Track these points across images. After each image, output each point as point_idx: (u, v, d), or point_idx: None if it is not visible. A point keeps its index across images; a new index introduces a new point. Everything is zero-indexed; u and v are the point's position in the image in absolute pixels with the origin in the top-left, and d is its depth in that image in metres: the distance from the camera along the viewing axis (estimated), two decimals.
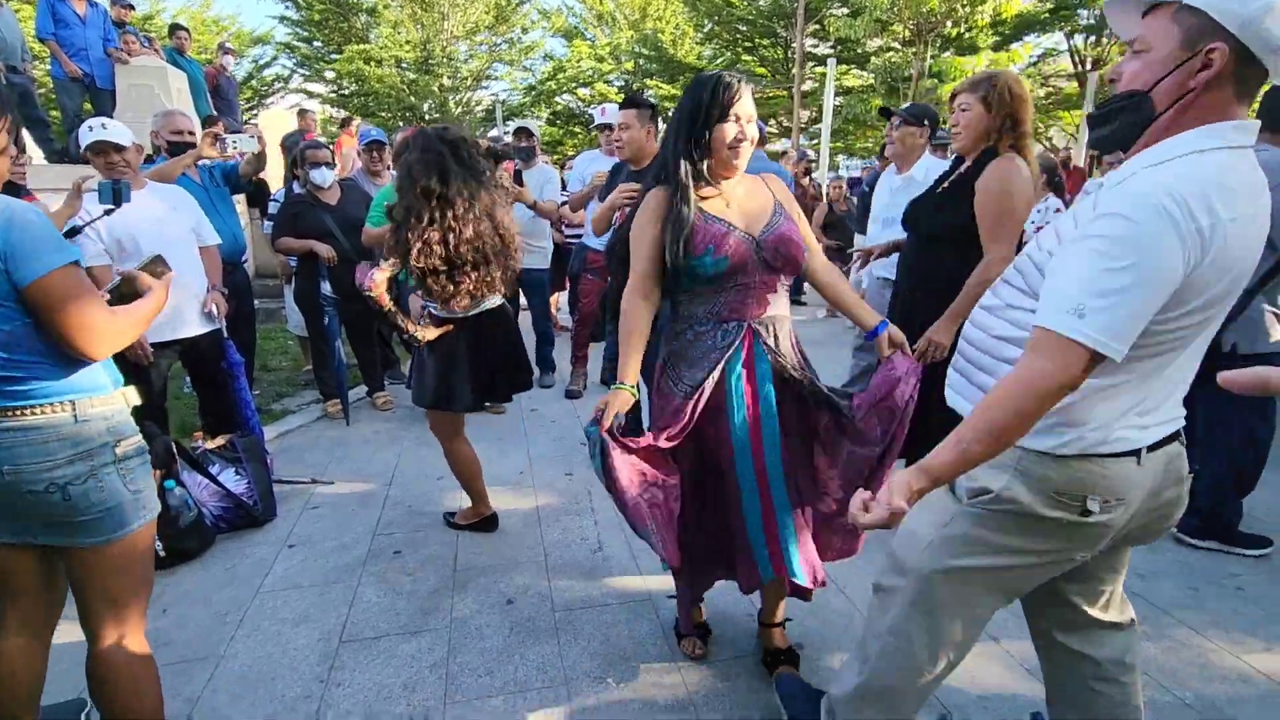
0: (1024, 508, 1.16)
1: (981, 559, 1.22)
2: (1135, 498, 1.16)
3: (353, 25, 17.63)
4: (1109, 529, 1.17)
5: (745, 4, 15.46)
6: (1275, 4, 0.94)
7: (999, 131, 2.18)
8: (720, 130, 1.58)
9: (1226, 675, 1.94)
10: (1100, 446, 1.12)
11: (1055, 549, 1.20)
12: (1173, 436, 1.20)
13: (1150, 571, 2.46)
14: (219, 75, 7.97)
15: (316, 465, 3.47)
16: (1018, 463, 1.16)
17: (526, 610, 2.28)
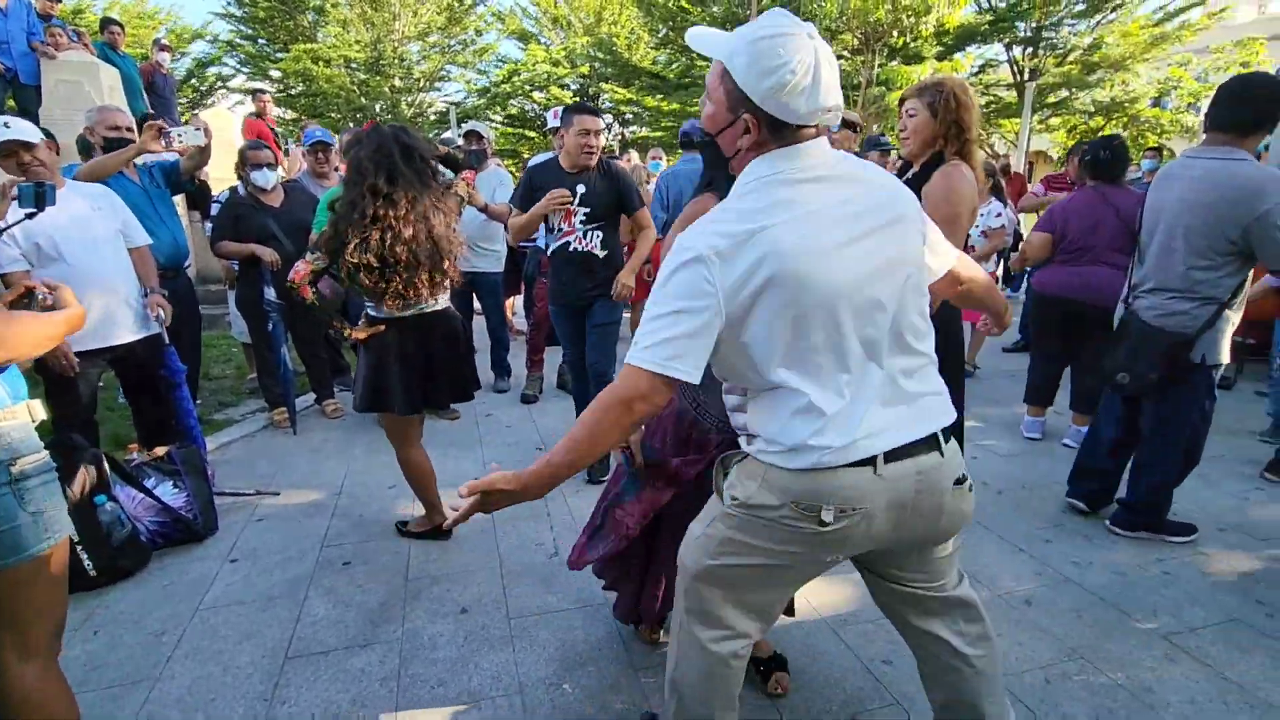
0: (769, 515, 1.19)
1: (737, 559, 1.26)
2: (876, 507, 1.17)
3: (299, 23, 17.15)
4: (853, 536, 1.19)
5: (699, 10, 15.61)
6: (787, 81, 1.07)
7: (945, 137, 2.20)
8: None
9: (1154, 656, 2.04)
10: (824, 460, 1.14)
11: (803, 553, 1.23)
12: (923, 446, 1.19)
13: (1082, 560, 2.57)
14: (155, 72, 7.66)
15: (262, 476, 3.36)
16: (764, 475, 1.20)
17: (481, 619, 2.24)
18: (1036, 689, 1.90)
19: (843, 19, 11.88)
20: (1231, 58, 13.80)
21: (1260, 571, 2.49)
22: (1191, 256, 2.38)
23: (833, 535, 1.18)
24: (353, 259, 2.25)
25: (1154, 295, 2.50)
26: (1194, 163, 2.42)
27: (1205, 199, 2.32)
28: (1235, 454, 3.57)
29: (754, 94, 1.11)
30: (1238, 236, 2.28)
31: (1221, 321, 2.40)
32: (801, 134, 1.14)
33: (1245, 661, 2.01)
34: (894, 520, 1.20)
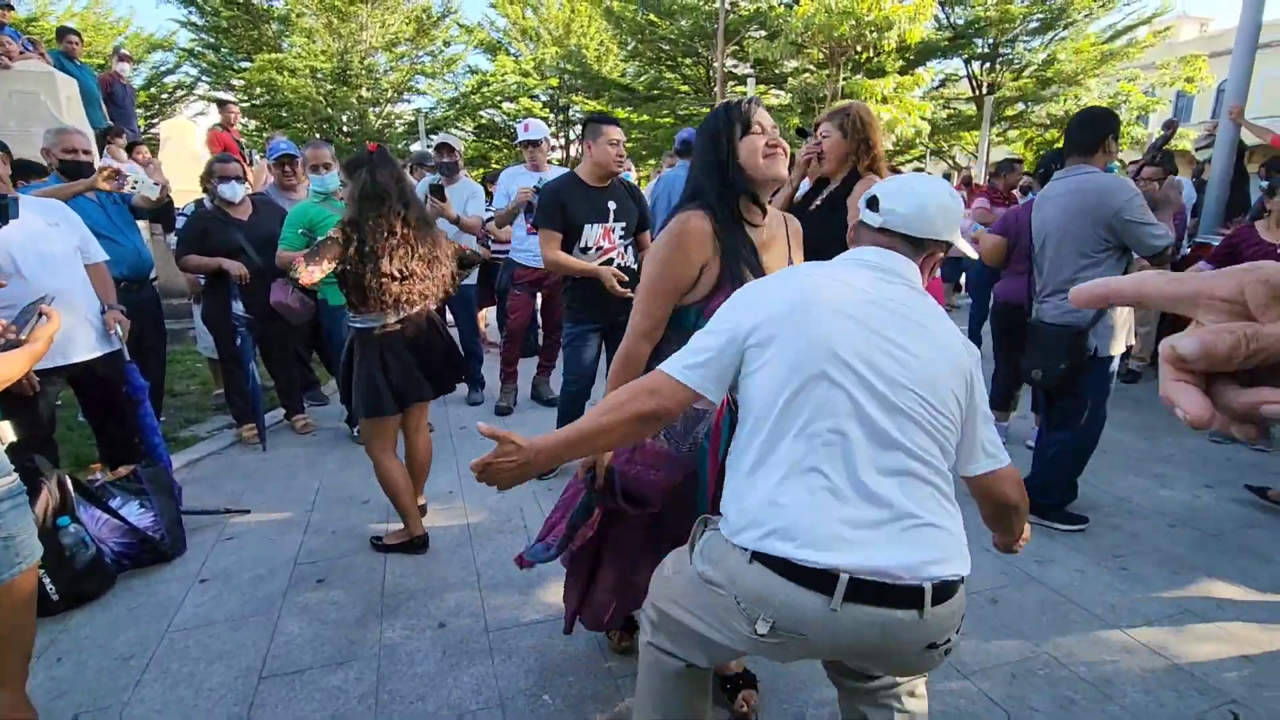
0: (718, 595, 1.16)
1: (685, 614, 1.26)
2: (821, 639, 1.06)
3: (263, 33, 16.88)
4: (786, 649, 1.12)
5: (667, 24, 15.80)
6: None
7: (856, 154, 2.47)
8: (749, 142, 1.51)
9: (1113, 648, 2.12)
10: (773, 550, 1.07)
11: (740, 644, 1.19)
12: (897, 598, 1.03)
13: (1045, 558, 2.66)
14: (114, 82, 7.49)
15: (231, 494, 3.30)
16: (720, 552, 1.18)
17: (459, 632, 2.24)
18: (1003, 685, 1.97)
19: (808, 33, 12.13)
20: (1176, 73, 14.42)
21: (1210, 564, 2.61)
22: (1076, 258, 2.73)
23: (764, 644, 1.13)
24: (385, 270, 2.45)
25: (1053, 298, 2.81)
26: (1060, 183, 2.80)
27: (1075, 207, 2.71)
28: (1188, 455, 3.73)
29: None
30: (1106, 233, 2.64)
31: (1108, 315, 2.71)
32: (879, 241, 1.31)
33: (1198, 651, 2.11)
34: (841, 652, 1.16)
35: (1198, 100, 20.65)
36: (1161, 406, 1.80)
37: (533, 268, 4.37)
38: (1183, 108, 21.81)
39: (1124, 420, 4.23)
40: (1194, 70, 14.16)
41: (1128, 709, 1.87)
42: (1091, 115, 2.79)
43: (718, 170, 1.54)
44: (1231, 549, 2.72)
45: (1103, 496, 3.19)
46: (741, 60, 16.30)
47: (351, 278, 2.48)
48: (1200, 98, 19.59)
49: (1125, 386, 5.00)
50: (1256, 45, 5.44)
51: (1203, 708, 1.88)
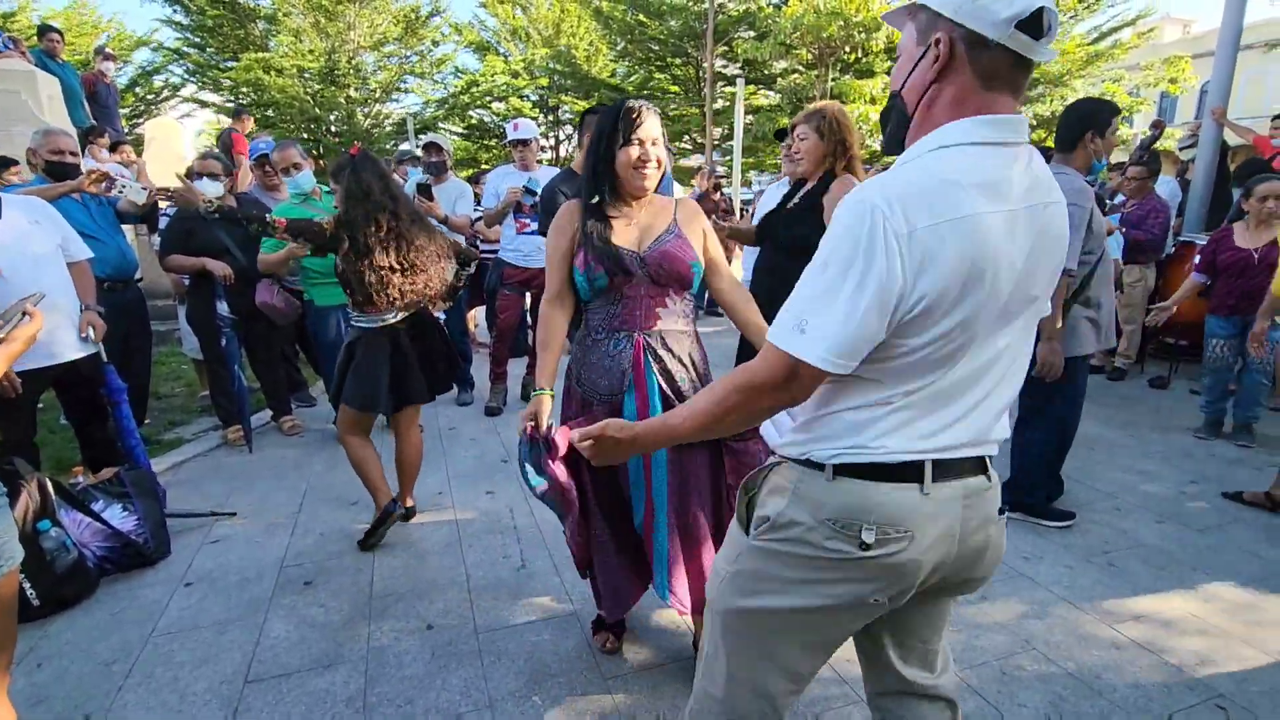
0: (801, 535, 1.04)
1: (769, 599, 1.09)
2: (924, 533, 1.01)
3: (250, 32, 16.74)
4: (899, 568, 1.02)
5: (656, 25, 15.79)
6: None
7: (833, 155, 2.50)
8: (624, 153, 1.69)
9: (1102, 644, 2.13)
10: (862, 455, 1.01)
11: (844, 589, 1.05)
12: (973, 468, 1.06)
13: (1033, 554, 2.67)
14: (97, 81, 7.40)
15: (216, 496, 3.26)
16: (795, 485, 1.06)
17: (448, 634, 2.22)
18: (993, 681, 1.97)
19: (797, 34, 12.16)
20: (1160, 74, 14.57)
21: (1197, 558, 2.63)
22: None
23: (875, 564, 1.01)
24: (382, 263, 2.51)
25: None
26: None
27: None
28: (1174, 451, 3.76)
29: (946, 4, 0.94)
30: None
31: (1072, 317, 2.72)
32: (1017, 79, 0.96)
33: (1185, 645, 2.12)
34: (942, 551, 1.04)
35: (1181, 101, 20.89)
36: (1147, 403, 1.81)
37: (522, 267, 4.35)
38: (1167, 108, 22.06)
39: (1110, 417, 4.27)
40: (1177, 71, 14.31)
41: (1116, 704, 1.88)
42: (1071, 110, 2.74)
43: (592, 168, 1.76)
44: (1217, 544, 2.74)
45: (1090, 493, 3.21)
46: (731, 60, 16.33)
47: (352, 276, 2.54)
48: (1184, 99, 19.82)
49: (1112, 384, 5.05)
50: (1238, 47, 5.52)
51: (1190, 702, 1.89)
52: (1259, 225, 3.75)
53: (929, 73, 0.98)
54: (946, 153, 0.95)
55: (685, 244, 1.78)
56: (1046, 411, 2.87)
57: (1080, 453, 3.07)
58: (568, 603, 2.37)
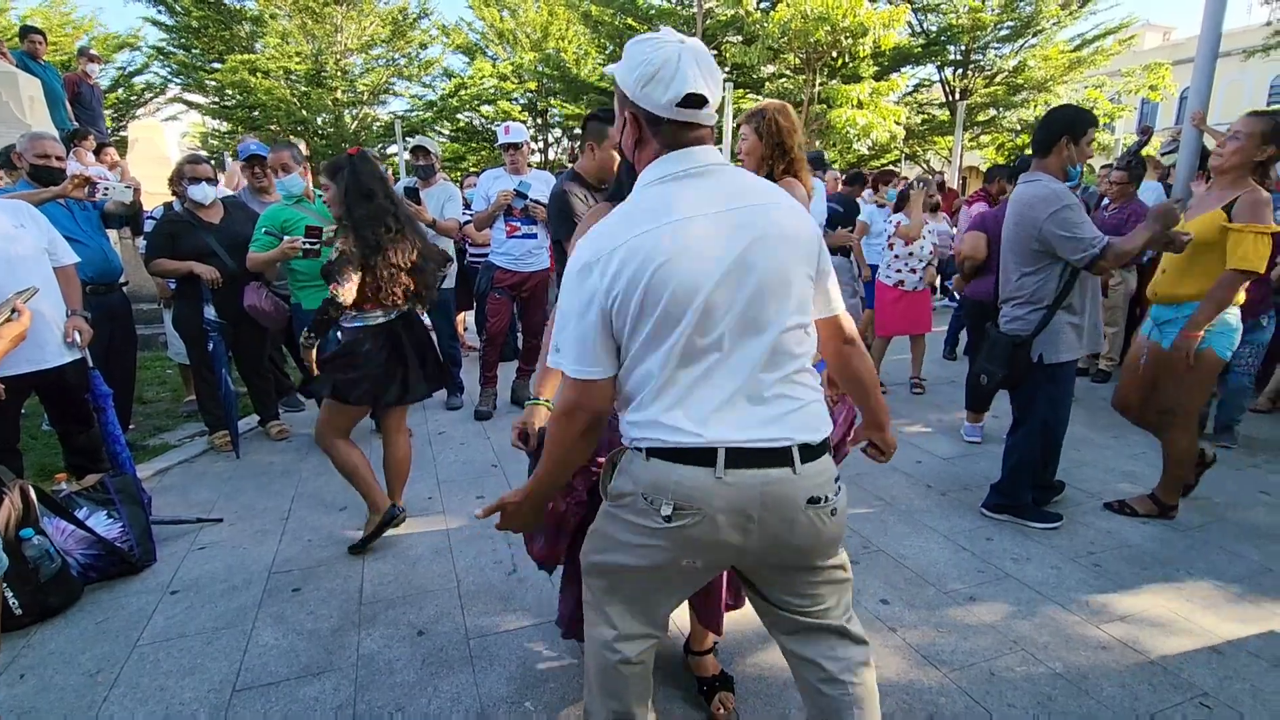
0: (626, 504, 1.25)
1: (611, 556, 1.31)
2: (716, 510, 1.16)
3: (235, 34, 16.61)
4: (701, 540, 1.19)
5: (645, 29, 15.86)
6: (650, 74, 1.16)
7: (772, 158, 2.35)
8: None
9: (1088, 644, 2.16)
10: (654, 441, 1.18)
11: (660, 554, 1.23)
12: (770, 458, 1.17)
13: (1021, 556, 2.70)
14: (80, 83, 7.31)
15: (203, 502, 3.23)
16: (628, 462, 1.26)
17: (439, 640, 2.21)
18: (982, 682, 1.99)
19: (785, 39, 12.24)
20: (1140, 81, 14.79)
21: (1179, 557, 2.67)
22: (1017, 267, 2.78)
23: (678, 534, 1.19)
24: (395, 261, 2.56)
25: (1006, 305, 2.87)
26: (1014, 190, 2.82)
27: (1014, 217, 2.74)
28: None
29: (628, 90, 1.20)
30: (1039, 243, 2.65)
31: (1055, 323, 2.72)
32: (687, 136, 1.21)
33: (1169, 645, 2.15)
34: (740, 529, 1.18)
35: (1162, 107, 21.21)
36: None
37: (512, 271, 4.34)
38: (1147, 114, 22.39)
39: (1094, 420, 4.32)
40: (1157, 78, 14.54)
41: (1103, 703, 1.90)
42: (1048, 116, 2.75)
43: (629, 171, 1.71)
44: (1199, 544, 2.78)
45: (1076, 494, 3.25)
46: (720, 64, 16.40)
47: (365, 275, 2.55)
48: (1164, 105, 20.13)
49: (1096, 386, 5.11)
50: (1218, 53, 5.61)
51: (1175, 700, 1.92)
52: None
53: (630, 139, 1.27)
54: (638, 193, 1.24)
55: None
56: (1031, 416, 2.89)
57: (1065, 454, 3.10)
58: (558, 606, 2.36)
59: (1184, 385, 2.83)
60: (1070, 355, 2.77)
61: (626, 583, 1.34)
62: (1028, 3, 14.46)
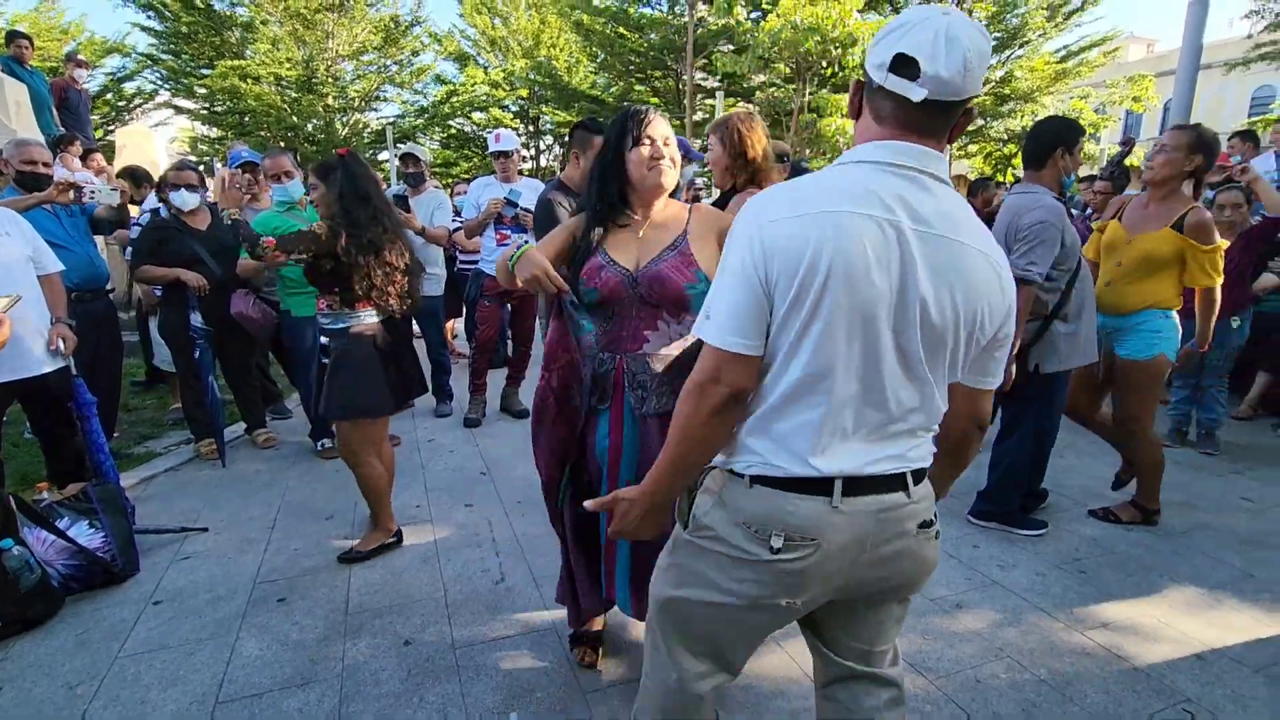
0: (722, 536, 1.13)
1: (693, 590, 1.19)
2: (833, 543, 1.07)
3: (226, 40, 16.55)
4: (808, 574, 1.09)
5: (636, 38, 15.93)
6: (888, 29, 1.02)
7: (735, 168, 2.34)
8: (636, 153, 1.66)
9: (1073, 651, 2.17)
10: (773, 470, 1.08)
11: (757, 591, 1.12)
12: (886, 485, 1.10)
13: (1007, 562, 2.72)
14: (68, 88, 7.27)
15: (188, 511, 3.19)
16: (721, 489, 1.15)
17: (425, 650, 2.19)
18: (968, 689, 2.00)
19: (775, 49, 12.33)
20: (1124, 92, 15.00)
21: (1163, 564, 2.69)
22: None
23: (785, 568, 1.09)
24: (391, 261, 2.57)
25: None
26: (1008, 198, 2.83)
27: (1002, 225, 2.72)
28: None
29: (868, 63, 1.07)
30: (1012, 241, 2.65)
31: (1050, 334, 2.75)
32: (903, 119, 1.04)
33: (1152, 651, 2.17)
34: (852, 560, 1.10)
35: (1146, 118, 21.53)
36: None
37: None
38: (1131, 125, 22.72)
39: (1078, 427, 4.35)
40: (1141, 90, 14.75)
41: (1088, 710, 1.92)
42: (1038, 128, 2.79)
43: (600, 174, 1.73)
44: (1183, 550, 2.81)
45: (1061, 501, 3.27)
46: (710, 73, 16.50)
47: (356, 272, 2.51)
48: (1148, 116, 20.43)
49: None
50: (1199, 66, 5.70)
51: (1158, 707, 1.93)
52: (1221, 233, 3.88)
53: (853, 108, 1.15)
54: (837, 168, 1.09)
55: (686, 262, 1.65)
56: (1024, 424, 2.91)
57: (1052, 460, 3.13)
58: (546, 616, 2.36)
59: (1138, 394, 2.94)
60: (1065, 365, 2.78)
61: (706, 622, 1.21)
62: (1014, 15, 14.65)
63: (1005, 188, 6.30)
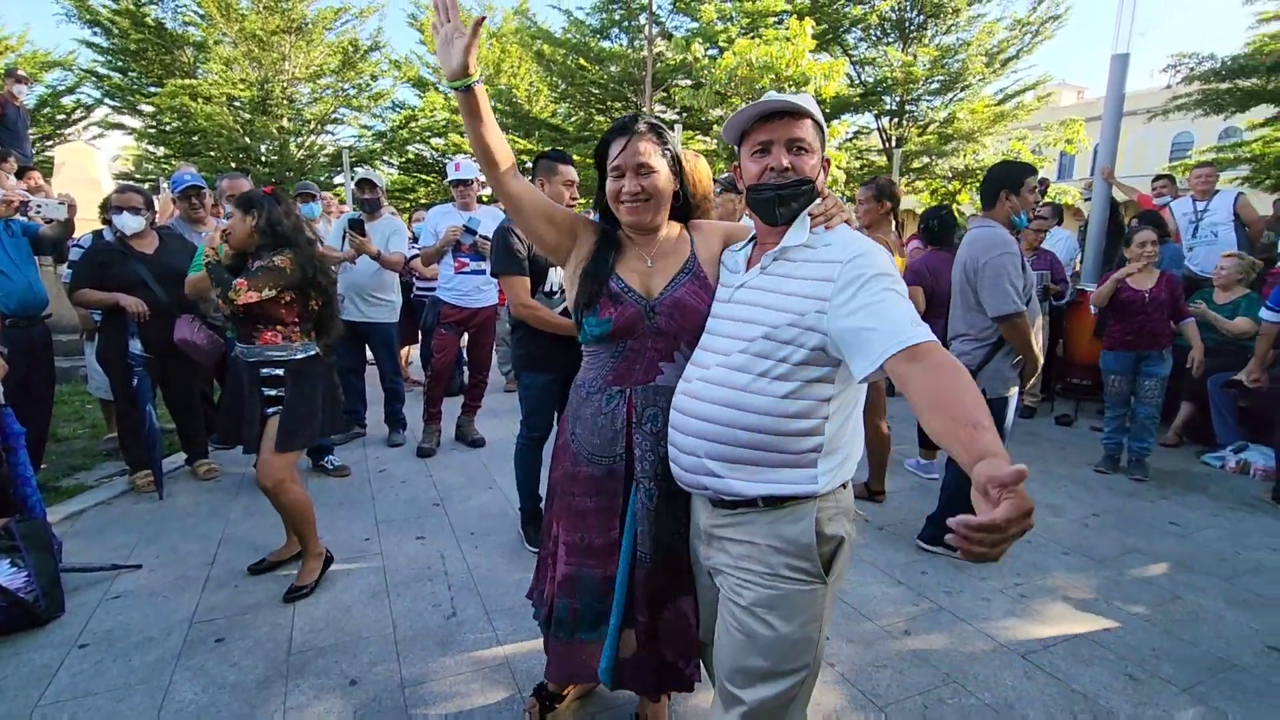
0: (849, 538, 1.36)
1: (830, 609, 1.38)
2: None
3: (177, 59, 16.20)
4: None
5: (596, 70, 16.21)
6: None
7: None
8: (609, 186, 1.52)
9: (1016, 674, 2.24)
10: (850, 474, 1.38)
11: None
12: None
13: (954, 588, 2.79)
14: (6, 105, 6.99)
15: (120, 547, 3.04)
16: (838, 503, 1.34)
17: (372, 690, 2.13)
18: (915, 715, 2.04)
19: (731, 85, 12.73)
20: (1058, 134, 15.91)
21: (1098, 587, 2.81)
22: (964, 305, 2.98)
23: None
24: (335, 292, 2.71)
25: (955, 342, 3.05)
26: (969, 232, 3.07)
27: (961, 259, 2.98)
28: (1077, 485, 4.02)
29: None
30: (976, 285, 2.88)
31: (998, 360, 2.90)
32: None
33: (1088, 674, 2.25)
34: None
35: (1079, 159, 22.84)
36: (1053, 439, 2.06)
37: (460, 307, 4.32)
38: (1066, 165, 24.12)
39: (1020, 452, 4.53)
40: (1072, 133, 15.66)
41: None
42: (991, 172, 3.02)
43: (597, 202, 1.62)
44: (1116, 574, 2.94)
45: None
46: (669, 106, 16.87)
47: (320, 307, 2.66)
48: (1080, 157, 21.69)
49: (1020, 421, 5.37)
50: (1121, 114, 6.12)
51: None
52: (1142, 270, 4.14)
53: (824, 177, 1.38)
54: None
55: (702, 286, 1.53)
56: None
57: None
58: (499, 650, 2.32)
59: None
60: (1010, 391, 2.92)
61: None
62: (955, 60, 15.46)
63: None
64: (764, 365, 1.29)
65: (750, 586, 1.30)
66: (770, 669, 1.28)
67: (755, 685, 1.29)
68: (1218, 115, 9.98)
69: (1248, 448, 4.35)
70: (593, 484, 1.58)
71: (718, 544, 1.39)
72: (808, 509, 1.29)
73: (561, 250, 1.61)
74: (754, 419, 1.28)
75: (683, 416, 1.39)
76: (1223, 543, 3.27)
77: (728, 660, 1.33)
